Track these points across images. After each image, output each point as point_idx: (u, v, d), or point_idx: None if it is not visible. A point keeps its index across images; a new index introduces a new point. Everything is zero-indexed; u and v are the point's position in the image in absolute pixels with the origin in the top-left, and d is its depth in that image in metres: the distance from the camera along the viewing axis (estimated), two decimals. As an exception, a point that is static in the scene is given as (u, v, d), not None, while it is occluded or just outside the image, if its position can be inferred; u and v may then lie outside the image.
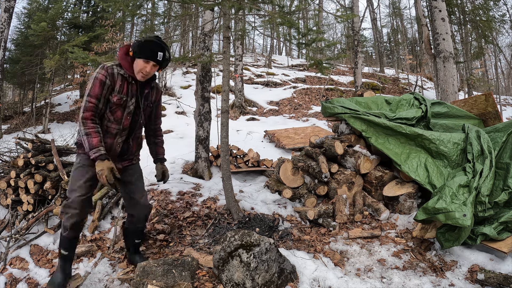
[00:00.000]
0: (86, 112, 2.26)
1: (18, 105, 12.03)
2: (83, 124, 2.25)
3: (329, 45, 12.62)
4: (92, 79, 2.31)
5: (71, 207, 2.33)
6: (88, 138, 2.24)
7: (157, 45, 2.36)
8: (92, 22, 10.54)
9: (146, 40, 2.36)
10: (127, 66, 2.39)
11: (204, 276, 2.49)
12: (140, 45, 2.35)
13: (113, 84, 2.35)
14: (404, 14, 22.83)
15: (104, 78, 2.30)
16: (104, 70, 2.32)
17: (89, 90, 2.29)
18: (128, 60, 2.39)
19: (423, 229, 2.92)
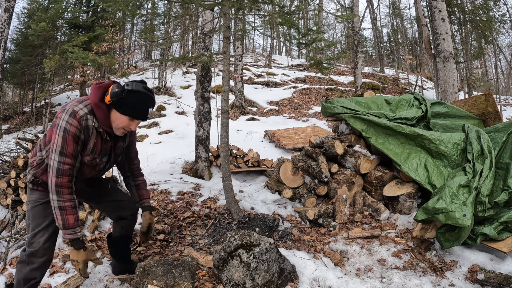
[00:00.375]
0: (62, 177, 1.83)
1: (18, 105, 12.03)
2: (57, 193, 1.83)
3: (329, 45, 12.63)
4: (61, 131, 1.82)
5: (37, 255, 1.97)
6: (61, 214, 1.84)
7: (148, 100, 1.95)
8: (92, 22, 10.54)
9: (134, 93, 1.91)
10: (102, 116, 1.92)
11: (204, 276, 2.49)
12: (126, 101, 1.89)
13: (86, 139, 1.91)
14: (404, 14, 22.85)
15: (77, 132, 1.85)
16: (76, 120, 1.84)
17: (61, 147, 1.82)
18: (103, 108, 1.92)
19: (423, 229, 2.92)
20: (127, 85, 1.91)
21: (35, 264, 1.99)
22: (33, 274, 2.01)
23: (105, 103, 1.92)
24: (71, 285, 2.41)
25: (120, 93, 1.87)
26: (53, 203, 1.85)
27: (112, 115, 1.94)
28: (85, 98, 1.96)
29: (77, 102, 1.93)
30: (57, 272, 2.67)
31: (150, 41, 7.58)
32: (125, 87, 1.90)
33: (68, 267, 2.72)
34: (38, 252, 1.98)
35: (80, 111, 1.87)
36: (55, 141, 1.84)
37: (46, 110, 9.46)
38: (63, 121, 1.84)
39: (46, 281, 2.56)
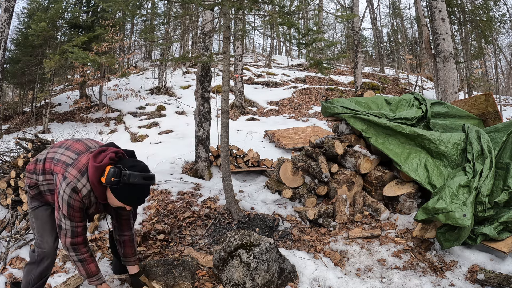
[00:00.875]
0: (77, 237, 1.94)
1: (18, 105, 12.03)
2: (74, 250, 1.93)
3: (329, 45, 12.63)
4: (65, 204, 1.88)
5: (48, 256, 2.07)
6: (83, 265, 1.96)
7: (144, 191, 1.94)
8: (92, 22, 10.53)
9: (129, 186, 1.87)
10: (99, 194, 1.95)
11: (204, 276, 2.49)
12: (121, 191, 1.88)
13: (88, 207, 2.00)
14: (404, 14, 22.82)
15: (81, 205, 1.93)
16: (79, 197, 1.90)
17: (69, 215, 1.90)
18: (100, 187, 1.92)
19: (423, 229, 2.92)
20: (124, 175, 1.84)
21: (45, 264, 2.08)
22: (43, 274, 2.09)
23: (100, 183, 1.90)
24: (71, 285, 2.41)
25: (116, 184, 1.85)
26: (72, 258, 1.96)
27: (108, 193, 1.94)
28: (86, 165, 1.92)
29: (80, 174, 1.90)
30: (57, 272, 2.67)
31: (150, 41, 7.59)
32: (121, 177, 1.84)
33: (68, 267, 2.72)
34: (49, 253, 2.08)
35: (83, 189, 1.90)
36: (62, 209, 1.89)
37: (46, 110, 9.45)
38: (66, 194, 1.87)
39: (46, 281, 2.56)
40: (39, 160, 2.06)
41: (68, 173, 1.88)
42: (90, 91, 12.12)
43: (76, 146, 2.04)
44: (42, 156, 2.07)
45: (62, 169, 1.91)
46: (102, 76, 11.46)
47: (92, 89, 12.12)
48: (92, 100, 11.51)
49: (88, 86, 11.85)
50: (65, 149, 2.02)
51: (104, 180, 1.85)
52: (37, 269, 2.08)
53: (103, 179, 1.86)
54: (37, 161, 2.08)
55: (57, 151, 2.03)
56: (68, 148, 2.02)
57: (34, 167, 2.07)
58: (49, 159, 2.01)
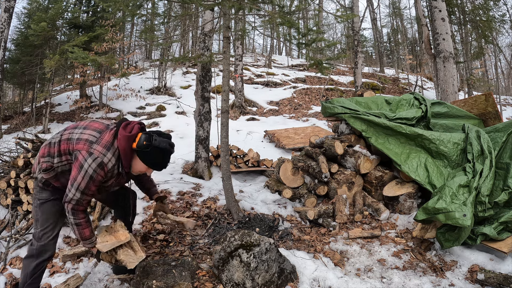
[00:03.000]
0: (79, 206, 2.05)
1: (18, 105, 12.03)
2: (73, 214, 2.05)
3: (329, 45, 12.63)
4: (87, 177, 1.99)
5: (47, 249, 2.16)
6: (78, 229, 2.09)
7: (169, 156, 2.15)
8: (92, 22, 10.53)
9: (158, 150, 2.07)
10: (127, 163, 2.10)
11: (204, 276, 2.49)
12: (150, 155, 2.08)
13: (106, 180, 2.14)
14: (404, 14, 22.83)
15: (101, 179, 2.06)
16: (103, 172, 2.03)
17: (84, 188, 2.00)
18: (130, 156, 2.09)
19: (423, 229, 2.92)
20: (154, 139, 2.06)
21: (43, 257, 2.16)
22: (39, 266, 2.17)
23: (131, 150, 2.08)
24: (71, 285, 2.41)
25: (147, 147, 2.05)
26: (69, 220, 2.08)
27: (134, 160, 2.12)
28: (110, 140, 2.07)
29: (105, 149, 2.04)
30: (57, 272, 2.67)
31: (150, 41, 7.58)
32: (152, 141, 2.05)
33: (68, 267, 2.73)
34: (48, 246, 2.16)
35: (109, 163, 2.04)
36: (78, 180, 2.00)
37: (46, 110, 9.45)
38: (90, 168, 1.99)
39: (46, 281, 2.56)
40: (53, 143, 2.12)
41: (94, 150, 2.01)
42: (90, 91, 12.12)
43: (95, 126, 2.15)
44: (56, 139, 2.13)
45: (86, 146, 2.02)
46: (102, 76, 11.46)
47: (92, 89, 12.12)
48: (92, 100, 11.51)
49: (88, 86, 11.85)
50: (83, 129, 2.12)
51: (136, 145, 2.04)
52: (34, 262, 2.14)
53: (134, 145, 2.05)
54: (50, 144, 2.13)
55: (74, 132, 2.12)
56: (86, 128, 2.13)
57: (48, 151, 2.12)
58: (65, 141, 2.09)
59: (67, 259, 2.78)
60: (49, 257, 2.20)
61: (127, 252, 2.25)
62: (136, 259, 2.25)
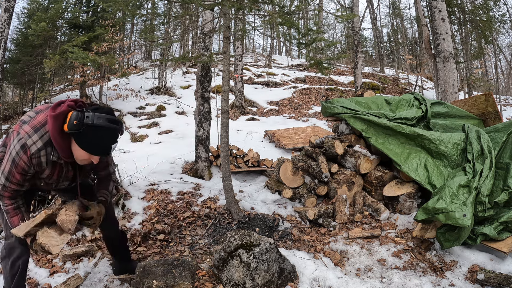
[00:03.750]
0: (4, 191, 1.84)
1: (18, 105, 12.02)
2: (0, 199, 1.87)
3: (329, 45, 12.63)
4: (10, 160, 1.76)
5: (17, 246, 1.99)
6: (8, 216, 1.89)
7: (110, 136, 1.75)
8: (92, 22, 10.53)
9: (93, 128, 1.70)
10: (62, 148, 1.76)
11: (204, 276, 2.49)
12: (85, 137, 1.71)
13: (38, 171, 1.83)
14: (404, 14, 22.83)
15: (26, 168, 1.77)
16: (26, 156, 1.73)
17: (8, 173, 1.77)
18: (64, 139, 1.75)
19: (423, 229, 2.92)
20: (87, 116, 1.70)
21: (15, 254, 2.01)
22: (15, 265, 2.02)
23: (62, 133, 1.74)
24: (71, 285, 2.41)
25: (78, 127, 1.68)
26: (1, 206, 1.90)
27: (73, 146, 1.78)
28: (43, 122, 1.78)
29: (32, 130, 1.76)
30: (57, 272, 2.67)
31: (150, 41, 7.59)
32: (84, 120, 1.69)
33: (68, 267, 2.73)
34: (16, 243, 2.00)
35: (32, 146, 1.74)
36: (3, 163, 1.81)
37: (46, 110, 9.45)
38: (14, 150, 1.75)
39: (46, 281, 2.56)
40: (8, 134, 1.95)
41: (21, 129, 1.77)
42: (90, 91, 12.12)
43: (39, 107, 1.89)
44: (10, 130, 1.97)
45: (18, 127, 1.80)
46: (102, 76, 11.46)
47: (92, 89, 12.12)
48: (92, 100, 11.51)
49: (88, 86, 11.84)
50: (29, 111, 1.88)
51: (67, 126, 1.69)
52: (9, 261, 2.01)
53: (65, 126, 1.70)
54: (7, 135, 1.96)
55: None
56: (32, 110, 1.88)
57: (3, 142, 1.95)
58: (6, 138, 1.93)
59: (67, 259, 2.78)
60: (21, 254, 2.01)
61: (47, 233, 1.90)
62: (61, 241, 1.90)
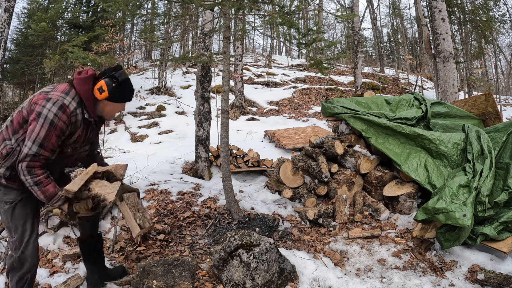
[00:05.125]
0: (34, 163, 1.79)
1: (18, 105, 12.03)
2: (29, 172, 1.79)
3: (329, 45, 12.62)
4: (47, 123, 1.77)
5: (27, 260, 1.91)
6: (39, 188, 1.81)
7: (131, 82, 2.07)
8: (92, 22, 10.54)
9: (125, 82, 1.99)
10: (92, 109, 1.95)
11: (204, 276, 2.49)
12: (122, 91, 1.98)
13: (72, 132, 1.89)
14: (404, 14, 22.83)
15: (65, 127, 1.82)
16: (66, 116, 1.81)
17: (42, 139, 1.77)
18: (93, 100, 1.94)
19: (423, 229, 2.92)
20: (117, 76, 1.95)
21: (25, 269, 1.95)
22: (23, 279, 1.97)
23: (93, 92, 1.93)
24: (71, 285, 2.41)
25: (117, 87, 1.94)
26: (27, 182, 1.80)
27: (106, 106, 2.00)
28: (68, 88, 1.92)
29: (63, 93, 1.87)
30: (57, 272, 2.67)
31: (150, 41, 7.59)
32: (118, 79, 1.95)
33: (68, 267, 2.73)
34: (28, 255, 1.93)
35: (70, 105, 1.86)
36: (36, 130, 1.77)
37: (46, 110, 9.45)
38: (51, 112, 1.78)
39: (46, 281, 2.56)
40: (6, 127, 1.91)
41: (51, 95, 1.84)
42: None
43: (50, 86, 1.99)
44: (7, 122, 1.92)
45: (43, 95, 1.84)
46: (102, 76, 11.44)
47: (92, 89, 12.10)
48: (92, 100, 11.49)
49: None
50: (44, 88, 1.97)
51: (107, 92, 1.92)
52: (17, 274, 1.94)
53: (104, 94, 1.92)
54: (2, 131, 1.92)
55: (24, 102, 1.93)
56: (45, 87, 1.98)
57: (2, 137, 1.90)
58: (17, 114, 1.90)
59: (67, 259, 2.78)
60: (32, 266, 1.97)
61: (101, 184, 1.94)
62: (113, 188, 1.94)
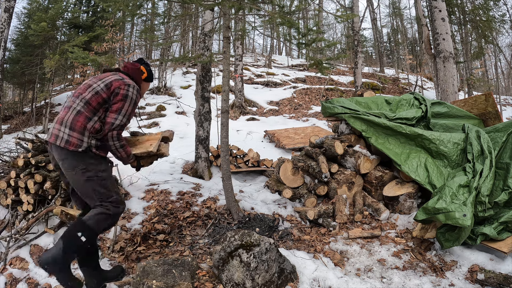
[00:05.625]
0: (121, 130, 2.37)
1: (18, 105, 12.03)
2: (118, 138, 2.35)
3: (329, 45, 12.61)
4: (132, 102, 2.40)
5: (122, 202, 2.40)
6: (124, 149, 2.43)
7: None
8: (92, 22, 10.54)
9: (148, 64, 2.71)
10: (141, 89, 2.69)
11: (204, 276, 2.49)
12: (151, 72, 2.72)
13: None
14: (404, 14, 22.83)
15: (138, 103, 2.49)
16: (139, 94, 2.49)
17: (129, 113, 2.40)
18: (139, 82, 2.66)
19: (423, 229, 2.92)
20: (147, 63, 2.71)
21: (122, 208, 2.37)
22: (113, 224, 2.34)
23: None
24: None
25: (150, 70, 2.70)
26: (115, 146, 2.36)
27: (144, 85, 2.70)
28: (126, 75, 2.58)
29: (127, 79, 2.47)
30: (57, 272, 2.66)
31: (150, 41, 7.59)
32: (149, 65, 2.73)
33: (68, 267, 2.72)
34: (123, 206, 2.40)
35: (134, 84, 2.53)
36: (125, 107, 2.37)
37: (46, 110, 9.45)
38: (133, 94, 2.42)
39: (46, 281, 2.56)
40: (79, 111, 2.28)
41: (127, 81, 2.44)
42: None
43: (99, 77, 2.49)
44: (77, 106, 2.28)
45: (120, 83, 2.38)
46: (102, 76, 11.43)
47: (92, 89, 12.09)
48: (92, 100, 11.48)
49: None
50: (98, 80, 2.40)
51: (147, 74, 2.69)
52: (111, 220, 2.29)
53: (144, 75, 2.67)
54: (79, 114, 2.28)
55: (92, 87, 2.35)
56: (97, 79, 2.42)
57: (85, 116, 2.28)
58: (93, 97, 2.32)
59: (67, 259, 2.78)
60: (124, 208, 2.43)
61: (163, 145, 2.74)
62: (168, 148, 2.81)
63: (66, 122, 2.24)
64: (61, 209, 3.12)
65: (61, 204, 3.45)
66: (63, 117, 2.28)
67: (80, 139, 2.22)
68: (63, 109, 2.34)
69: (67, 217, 3.09)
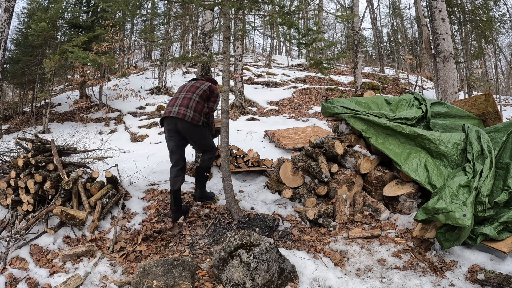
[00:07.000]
0: (213, 112, 3.71)
1: (18, 105, 12.03)
2: (212, 115, 3.74)
3: (329, 45, 12.63)
4: (219, 96, 3.68)
5: (216, 148, 3.76)
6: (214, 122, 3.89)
7: None
8: (92, 22, 10.53)
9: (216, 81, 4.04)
10: None
11: (204, 276, 2.49)
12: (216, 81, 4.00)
13: None
14: (404, 14, 22.82)
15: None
16: (219, 92, 3.68)
17: (216, 102, 3.69)
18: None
19: (423, 229, 2.92)
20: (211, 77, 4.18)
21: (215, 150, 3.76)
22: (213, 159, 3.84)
23: None
24: (71, 285, 2.41)
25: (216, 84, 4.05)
26: (210, 121, 3.77)
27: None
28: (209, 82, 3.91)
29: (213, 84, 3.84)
30: (57, 272, 2.67)
31: (150, 41, 7.59)
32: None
33: (68, 267, 2.73)
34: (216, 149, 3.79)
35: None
36: (218, 101, 3.73)
37: (46, 110, 9.45)
38: (219, 93, 3.70)
39: (46, 281, 2.56)
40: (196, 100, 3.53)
41: (216, 87, 3.79)
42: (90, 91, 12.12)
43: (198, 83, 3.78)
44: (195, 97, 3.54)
45: (214, 87, 3.72)
46: (102, 76, 11.46)
47: (92, 89, 12.12)
48: (92, 100, 11.51)
49: (88, 86, 11.85)
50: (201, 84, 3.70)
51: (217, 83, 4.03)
52: (213, 159, 3.78)
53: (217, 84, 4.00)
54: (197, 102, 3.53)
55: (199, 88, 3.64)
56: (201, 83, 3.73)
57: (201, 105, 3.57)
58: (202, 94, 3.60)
59: (67, 259, 2.78)
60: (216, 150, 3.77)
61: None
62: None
63: (191, 107, 3.45)
64: (61, 209, 3.12)
65: (61, 204, 3.45)
66: (187, 103, 3.46)
67: (199, 117, 3.48)
68: (181, 98, 3.52)
69: (67, 217, 3.09)
